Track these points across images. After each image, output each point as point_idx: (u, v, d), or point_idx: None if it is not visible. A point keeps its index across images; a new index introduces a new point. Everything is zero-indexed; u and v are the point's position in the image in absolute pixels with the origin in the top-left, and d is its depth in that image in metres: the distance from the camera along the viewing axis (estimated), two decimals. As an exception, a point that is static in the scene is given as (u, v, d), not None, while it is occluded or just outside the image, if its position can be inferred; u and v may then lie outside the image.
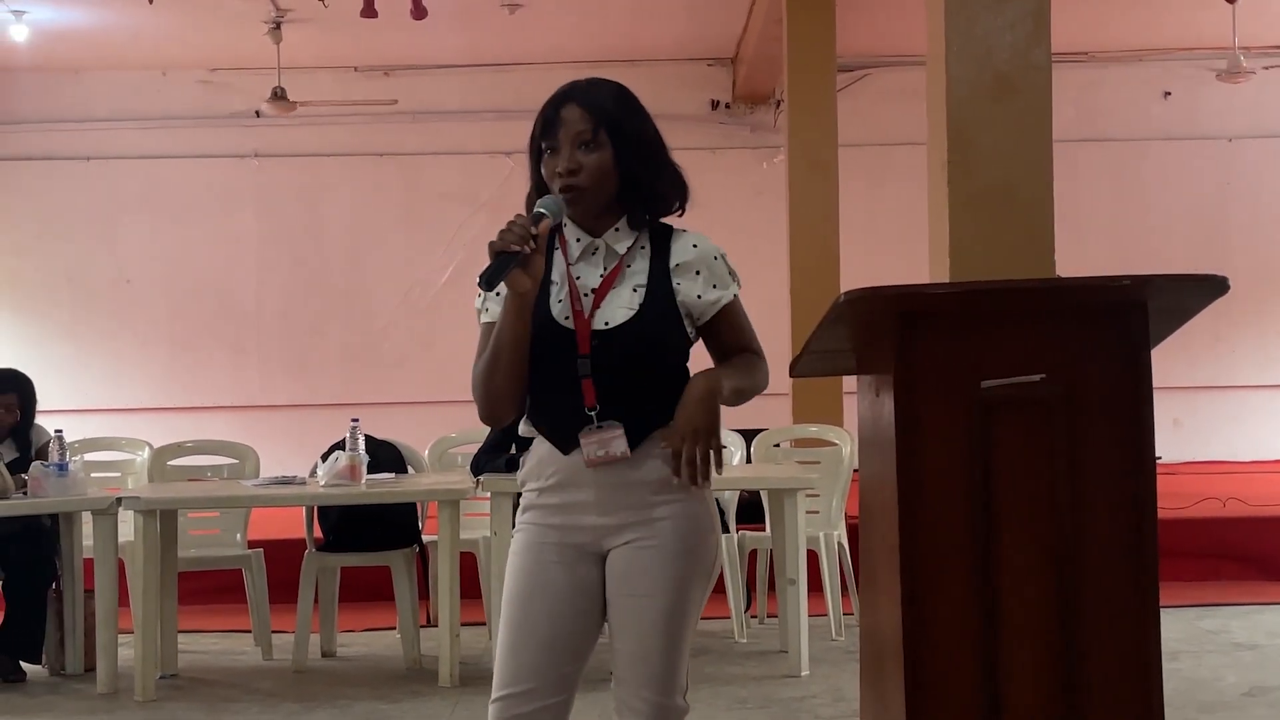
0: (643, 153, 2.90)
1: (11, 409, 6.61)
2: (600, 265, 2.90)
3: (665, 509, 2.82)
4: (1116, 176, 13.10)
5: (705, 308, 2.88)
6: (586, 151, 2.86)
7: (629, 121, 2.90)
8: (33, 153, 12.77)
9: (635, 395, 2.83)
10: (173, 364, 12.83)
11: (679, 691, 2.86)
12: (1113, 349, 2.82)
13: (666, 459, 2.79)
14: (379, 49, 12.15)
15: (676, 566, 2.81)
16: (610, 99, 2.92)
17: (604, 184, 2.87)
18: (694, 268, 2.89)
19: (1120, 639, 2.78)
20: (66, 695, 6.08)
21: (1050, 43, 5.53)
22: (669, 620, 2.81)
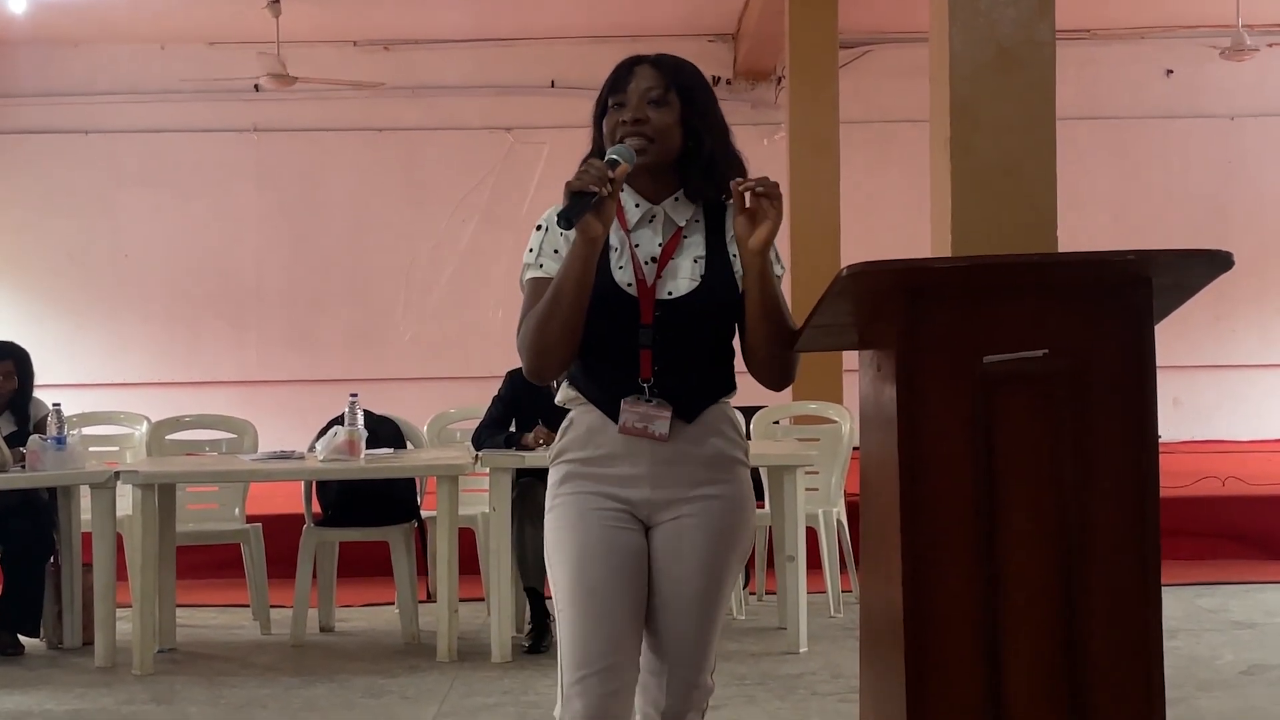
0: (709, 124, 2.91)
1: (10, 376, 6.58)
2: (659, 234, 2.87)
3: (714, 488, 2.84)
4: (1118, 154, 13.08)
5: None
6: (655, 108, 2.86)
7: (700, 92, 2.93)
8: (31, 126, 12.74)
9: (692, 368, 2.84)
10: (172, 338, 12.83)
11: (708, 670, 2.89)
12: (1116, 324, 2.80)
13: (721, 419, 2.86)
14: (379, 23, 12.11)
15: (718, 547, 2.83)
16: (685, 67, 2.96)
17: (668, 141, 2.86)
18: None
19: (1122, 617, 2.77)
20: (64, 669, 6.08)
21: (1054, 18, 5.51)
22: (706, 601, 2.83)
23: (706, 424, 2.86)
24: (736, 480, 2.88)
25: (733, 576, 2.89)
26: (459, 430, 7.33)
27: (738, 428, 2.94)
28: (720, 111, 2.97)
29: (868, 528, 3.10)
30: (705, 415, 2.86)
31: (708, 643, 2.86)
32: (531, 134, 12.38)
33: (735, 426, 2.94)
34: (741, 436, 2.95)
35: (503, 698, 5.39)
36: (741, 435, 2.95)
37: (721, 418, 2.90)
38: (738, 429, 2.94)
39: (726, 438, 2.89)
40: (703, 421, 2.85)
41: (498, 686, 5.58)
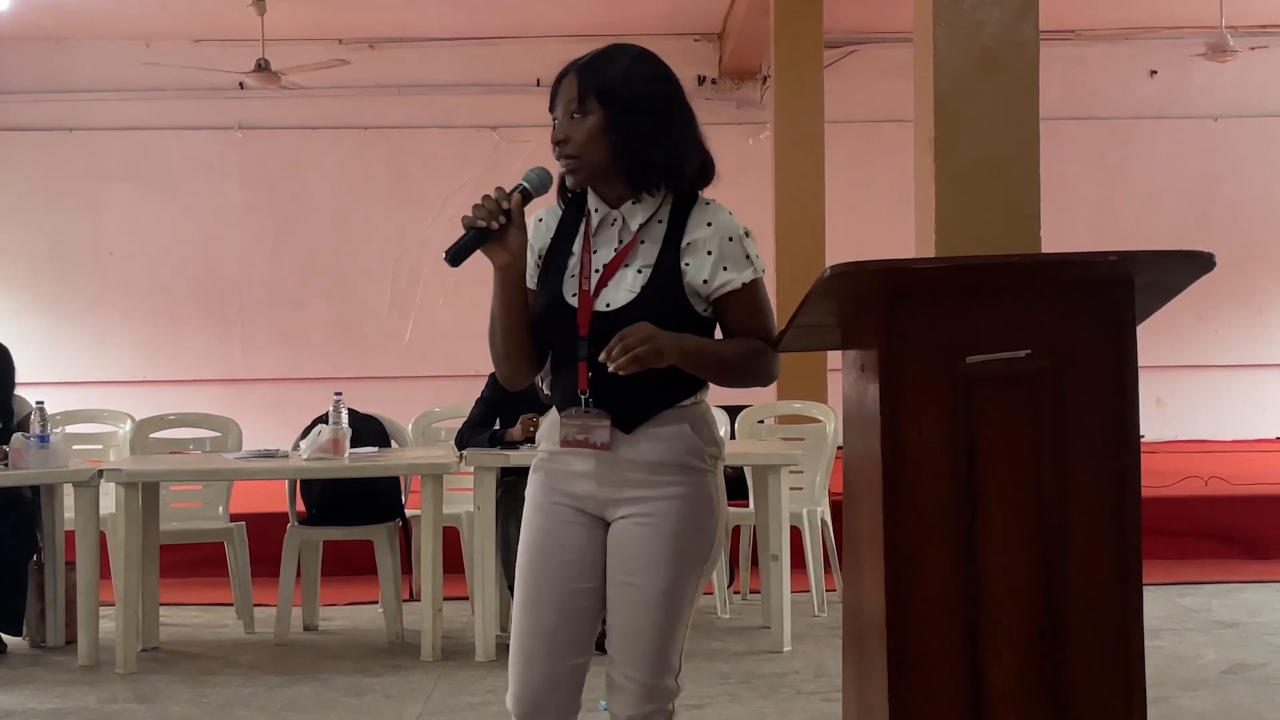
0: (636, 120, 2.78)
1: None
2: (616, 239, 2.84)
3: (666, 489, 2.80)
4: (1102, 154, 13.12)
5: (712, 291, 2.81)
6: (577, 122, 2.79)
7: (623, 86, 2.79)
8: (14, 123, 12.70)
9: (631, 381, 2.75)
10: (155, 336, 12.80)
11: (670, 673, 2.84)
12: (1099, 325, 2.81)
13: (669, 426, 2.80)
14: (364, 21, 12.09)
15: (673, 548, 2.79)
16: (609, 65, 2.82)
17: (592, 155, 2.79)
18: (705, 247, 2.80)
19: (1103, 616, 2.78)
20: (47, 667, 6.06)
21: (1038, 18, 5.53)
22: (661, 602, 2.80)
23: (649, 432, 2.80)
24: (688, 484, 2.80)
25: (693, 580, 2.83)
26: (443, 429, 7.32)
27: (697, 431, 2.83)
28: (660, 97, 2.82)
29: (850, 526, 3.10)
30: (649, 423, 2.80)
31: (664, 645, 2.81)
32: (517, 132, 12.37)
33: (691, 431, 2.82)
34: (702, 439, 2.83)
35: (487, 696, 5.39)
36: (703, 438, 2.84)
37: (670, 424, 2.80)
38: (697, 432, 2.83)
39: (673, 443, 2.80)
40: (645, 430, 2.80)
41: (482, 685, 5.58)
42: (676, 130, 2.83)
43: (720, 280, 2.79)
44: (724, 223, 2.83)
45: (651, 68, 2.86)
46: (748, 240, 2.83)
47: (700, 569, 2.84)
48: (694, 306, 2.81)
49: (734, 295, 2.81)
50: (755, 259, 2.83)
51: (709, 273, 2.79)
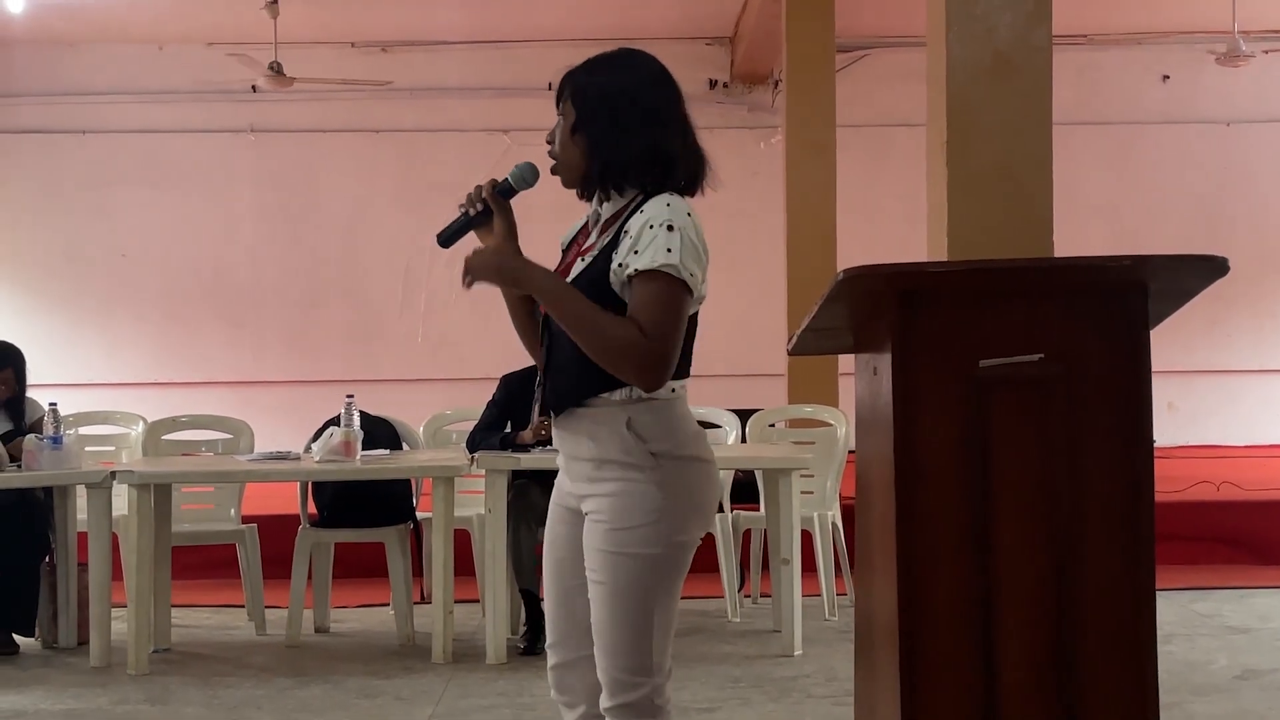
0: (599, 121, 2.84)
1: (9, 383, 6.58)
2: (592, 235, 2.93)
3: (607, 485, 2.82)
4: (1115, 159, 13.10)
5: (619, 273, 2.78)
6: (560, 122, 2.93)
7: (593, 89, 2.87)
8: (29, 126, 12.74)
9: (567, 366, 2.84)
10: (168, 338, 12.82)
11: (639, 671, 2.83)
12: (1112, 329, 2.81)
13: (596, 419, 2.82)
14: (377, 24, 12.12)
15: (613, 546, 2.81)
16: (591, 68, 2.92)
17: (567, 155, 2.90)
18: (631, 233, 2.79)
19: (1116, 621, 2.78)
20: (60, 669, 6.07)
21: (1051, 23, 5.52)
22: (611, 599, 2.82)
23: (578, 424, 2.84)
24: (623, 481, 2.79)
25: (642, 579, 2.80)
26: (455, 432, 7.33)
27: (637, 428, 2.79)
28: (629, 97, 2.85)
29: (863, 530, 3.10)
30: (579, 414, 2.83)
31: (624, 642, 2.82)
32: (528, 136, 12.33)
33: (627, 428, 2.79)
34: (642, 437, 2.79)
35: (497, 699, 5.39)
36: (643, 436, 2.79)
37: (608, 420, 2.80)
38: (636, 429, 2.79)
39: (609, 440, 2.80)
40: (576, 420, 2.85)
41: (493, 688, 5.59)
42: (643, 134, 2.84)
43: (624, 260, 2.76)
44: (654, 212, 2.77)
45: (633, 73, 2.91)
46: (668, 233, 2.73)
47: (648, 568, 2.80)
48: (618, 294, 2.79)
49: (633, 280, 2.75)
50: (664, 252, 2.72)
51: (621, 255, 2.78)
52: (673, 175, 2.85)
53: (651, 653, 2.84)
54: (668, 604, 2.86)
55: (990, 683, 2.78)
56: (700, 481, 2.86)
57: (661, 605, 2.84)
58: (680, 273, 2.73)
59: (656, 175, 2.84)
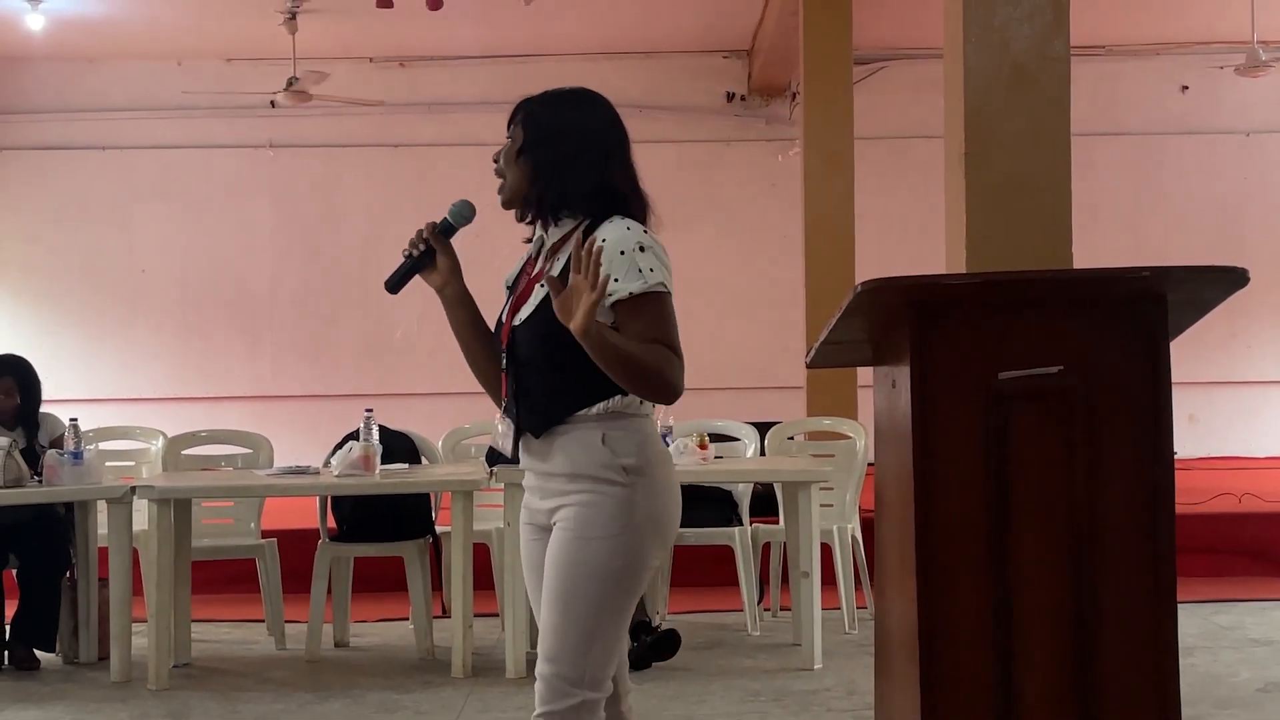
0: (548, 147, 2.93)
1: (10, 393, 6.55)
2: (541, 261, 3.00)
3: (576, 497, 2.86)
4: (1134, 170, 13.06)
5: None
6: (509, 144, 3.01)
7: (544, 116, 2.96)
8: (49, 142, 12.79)
9: (539, 389, 2.90)
10: (187, 353, 12.85)
11: (574, 681, 2.84)
12: (1131, 341, 2.80)
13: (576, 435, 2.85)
14: (394, 40, 12.15)
15: (572, 553, 2.84)
16: (544, 98, 3.00)
17: (514, 177, 2.98)
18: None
19: (1137, 634, 2.77)
20: (80, 684, 6.09)
21: (1069, 34, 5.51)
22: (560, 604, 2.85)
23: (564, 444, 2.88)
24: (593, 493, 2.84)
25: (593, 589, 2.83)
26: (474, 445, 7.33)
27: (612, 443, 2.85)
28: (579, 128, 2.93)
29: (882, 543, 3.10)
30: (558, 431, 2.89)
31: (564, 644, 2.84)
32: (546, 150, 12.39)
33: (602, 443, 2.85)
34: (617, 452, 2.85)
35: (517, 713, 5.38)
36: (618, 451, 2.85)
37: (583, 436, 2.86)
38: (611, 445, 2.85)
39: (584, 454, 2.86)
40: (554, 438, 2.89)
41: (512, 702, 5.58)
42: (591, 168, 2.92)
43: (607, 290, 2.78)
44: (617, 236, 2.84)
45: (588, 110, 2.99)
46: (640, 254, 2.82)
47: (600, 578, 2.83)
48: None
49: (623, 305, 2.82)
50: (648, 272, 2.82)
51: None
52: (615, 209, 2.91)
53: (589, 666, 2.85)
54: (615, 620, 2.87)
55: (1010, 696, 2.77)
56: (665, 500, 2.91)
57: (608, 620, 2.86)
58: (668, 288, 2.85)
59: (602, 206, 2.91)
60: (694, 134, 12.85)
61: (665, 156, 12.83)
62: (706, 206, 12.70)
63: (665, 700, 5.61)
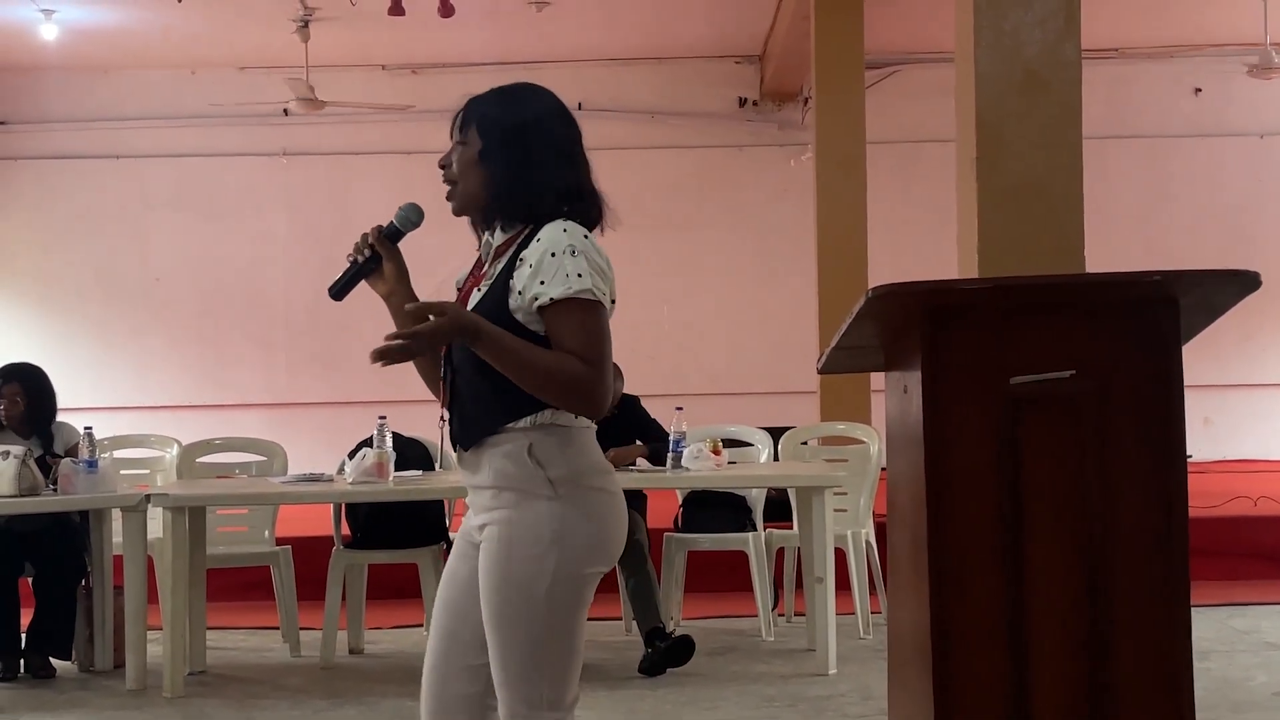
0: (509, 152, 2.83)
1: (15, 399, 6.54)
2: (485, 266, 2.92)
3: (497, 513, 2.78)
4: (1146, 173, 13.04)
5: (526, 304, 2.75)
6: (458, 150, 2.91)
7: (502, 118, 2.85)
8: (62, 151, 12.84)
9: (472, 397, 2.82)
10: (201, 361, 12.89)
11: (535, 704, 2.75)
12: (1144, 345, 2.80)
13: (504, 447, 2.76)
14: (406, 47, 12.18)
15: (499, 574, 2.75)
16: (498, 99, 2.90)
17: (466, 181, 2.88)
18: (529, 262, 2.76)
19: (1151, 638, 2.76)
20: (95, 692, 6.10)
21: (1080, 38, 5.51)
22: (500, 629, 2.76)
23: (491, 456, 2.79)
24: (515, 509, 2.75)
25: (524, 610, 2.73)
26: (487, 452, 7.33)
27: (539, 455, 2.75)
28: (536, 131, 2.83)
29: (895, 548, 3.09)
30: (488, 443, 2.79)
31: (510, 674, 2.75)
32: (558, 156, 12.40)
33: (529, 455, 2.76)
34: (544, 464, 2.75)
35: (531, 720, 5.38)
36: (545, 463, 2.75)
37: (510, 448, 2.77)
38: (538, 456, 2.75)
39: (509, 468, 2.76)
40: (482, 450, 2.80)
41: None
42: (551, 170, 2.83)
43: (532, 293, 2.73)
44: (551, 238, 2.75)
45: (540, 106, 2.89)
46: (570, 258, 2.72)
47: (534, 597, 2.73)
48: (524, 324, 2.76)
49: (547, 311, 2.73)
50: (575, 277, 2.71)
51: (523, 285, 2.75)
52: (576, 210, 2.82)
53: (543, 688, 2.75)
54: (564, 637, 2.76)
55: (1024, 699, 2.77)
56: (600, 511, 2.79)
57: (555, 638, 2.75)
58: (595, 295, 2.73)
59: (559, 209, 2.81)
60: (706, 139, 12.86)
61: (678, 162, 12.87)
62: (719, 212, 12.71)
63: (679, 706, 5.61)
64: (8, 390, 6.53)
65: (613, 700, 5.71)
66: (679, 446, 6.42)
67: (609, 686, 5.94)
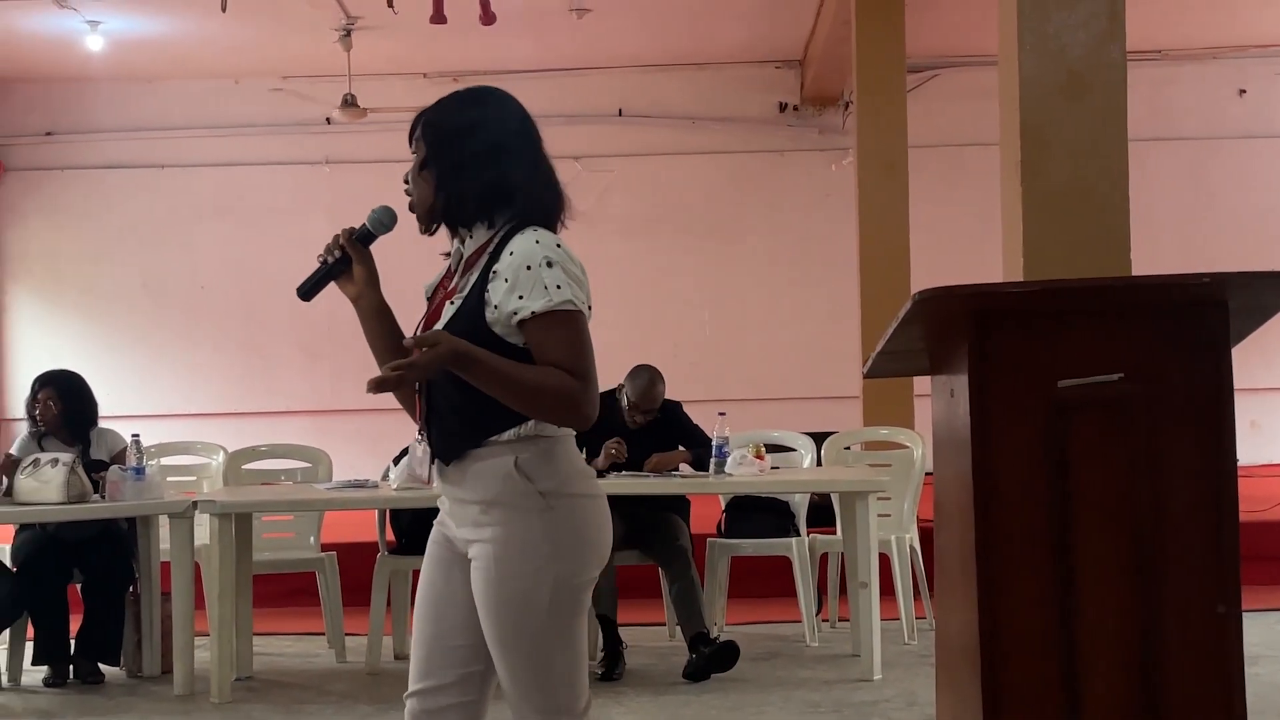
0: (446, 154, 2.82)
1: (49, 403, 6.55)
2: (453, 275, 2.90)
3: (489, 530, 2.76)
4: (1192, 175, 12.94)
5: (506, 319, 2.73)
6: (414, 159, 2.90)
7: (442, 121, 2.85)
8: (109, 161, 12.95)
9: (450, 411, 2.79)
10: (246, 369, 12.96)
11: (551, 712, 2.79)
12: (1192, 347, 2.78)
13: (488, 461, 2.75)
14: (448, 55, 12.22)
15: (499, 594, 2.75)
16: (441, 105, 2.90)
17: (420, 191, 2.87)
18: (504, 275, 2.73)
19: (1202, 643, 2.74)
20: (144, 697, 6.14)
21: (1125, 40, 5.47)
22: (501, 647, 2.77)
23: (475, 469, 2.77)
24: (507, 525, 2.74)
25: (520, 625, 2.75)
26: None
27: (526, 468, 2.75)
28: (472, 133, 2.82)
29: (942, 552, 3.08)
30: (470, 457, 2.78)
31: (522, 689, 2.77)
32: (599, 161, 12.43)
33: (515, 468, 2.75)
34: (531, 477, 2.75)
35: (576, 725, 5.39)
36: (532, 476, 2.75)
37: (495, 461, 2.76)
38: (525, 469, 2.75)
39: (495, 481, 2.75)
40: (466, 464, 2.78)
41: (571, 714, 5.58)
42: (486, 168, 2.81)
43: (512, 307, 2.71)
44: (526, 250, 2.73)
45: (481, 108, 2.87)
46: (548, 270, 2.70)
47: (536, 612, 2.74)
48: (501, 336, 2.74)
49: (528, 324, 2.71)
50: (554, 289, 2.70)
51: (500, 299, 2.73)
52: (520, 208, 2.80)
53: (557, 695, 2.79)
54: (569, 644, 2.79)
55: (1074, 704, 2.76)
56: (590, 518, 2.79)
57: (562, 647, 2.78)
58: (576, 305, 2.72)
59: (504, 209, 2.80)
60: (747, 145, 12.85)
61: (718, 168, 12.86)
62: (760, 217, 12.69)
63: (724, 711, 5.60)
64: (43, 394, 6.58)
65: (657, 705, 5.71)
66: (722, 452, 6.42)
67: (654, 692, 5.94)
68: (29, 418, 6.59)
